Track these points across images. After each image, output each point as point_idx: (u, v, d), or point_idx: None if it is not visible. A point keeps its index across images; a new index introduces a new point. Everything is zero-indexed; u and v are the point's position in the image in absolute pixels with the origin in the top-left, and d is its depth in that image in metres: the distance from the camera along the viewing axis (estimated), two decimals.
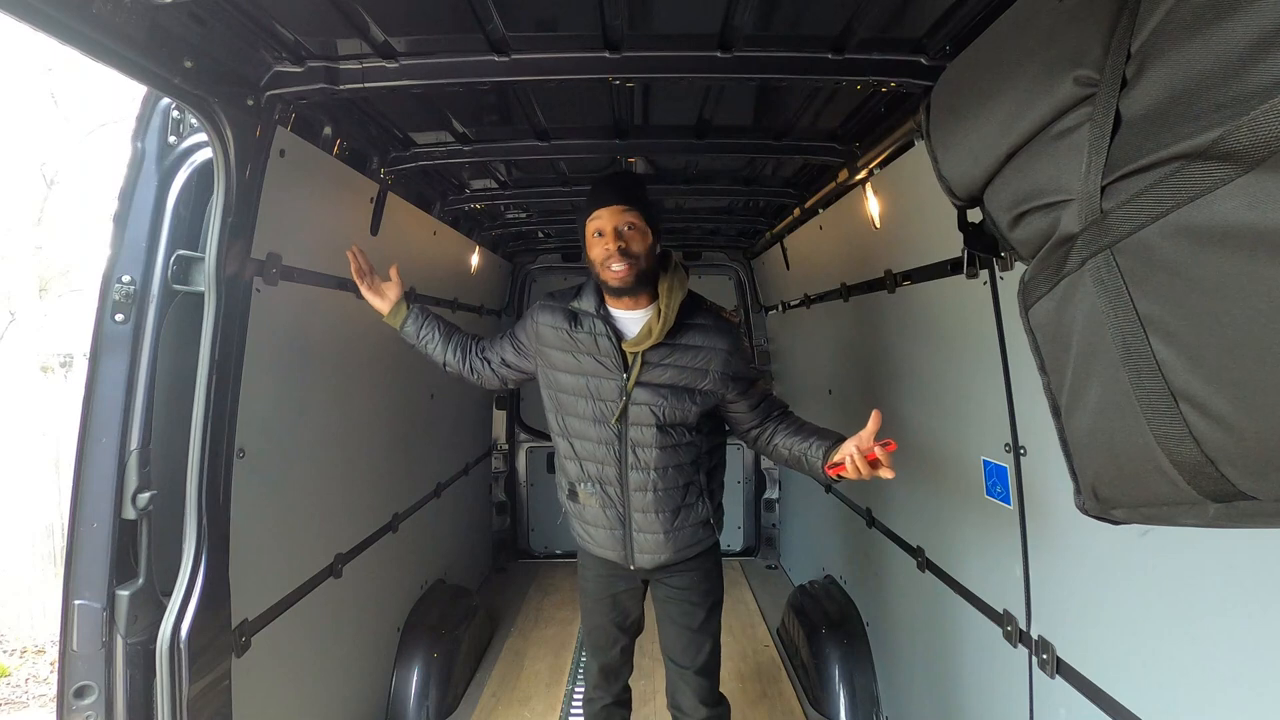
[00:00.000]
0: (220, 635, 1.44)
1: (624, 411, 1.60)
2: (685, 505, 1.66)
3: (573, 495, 1.71)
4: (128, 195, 1.43)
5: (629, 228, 1.57)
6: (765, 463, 4.11)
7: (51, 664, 4.51)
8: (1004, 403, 1.52)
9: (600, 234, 1.58)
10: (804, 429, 1.63)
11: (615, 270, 1.55)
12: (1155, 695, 1.12)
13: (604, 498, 1.66)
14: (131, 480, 1.36)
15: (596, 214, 1.58)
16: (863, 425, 1.39)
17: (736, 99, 1.82)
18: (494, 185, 2.68)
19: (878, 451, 1.34)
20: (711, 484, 1.73)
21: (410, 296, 1.84)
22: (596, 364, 1.61)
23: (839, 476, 1.44)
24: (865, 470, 1.37)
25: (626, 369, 1.59)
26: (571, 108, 1.88)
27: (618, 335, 1.61)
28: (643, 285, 1.59)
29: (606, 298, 1.64)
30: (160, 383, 1.41)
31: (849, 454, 1.40)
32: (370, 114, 1.82)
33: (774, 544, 4.11)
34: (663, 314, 1.58)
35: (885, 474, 1.36)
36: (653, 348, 1.58)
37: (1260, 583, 0.92)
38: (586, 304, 1.64)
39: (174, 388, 1.42)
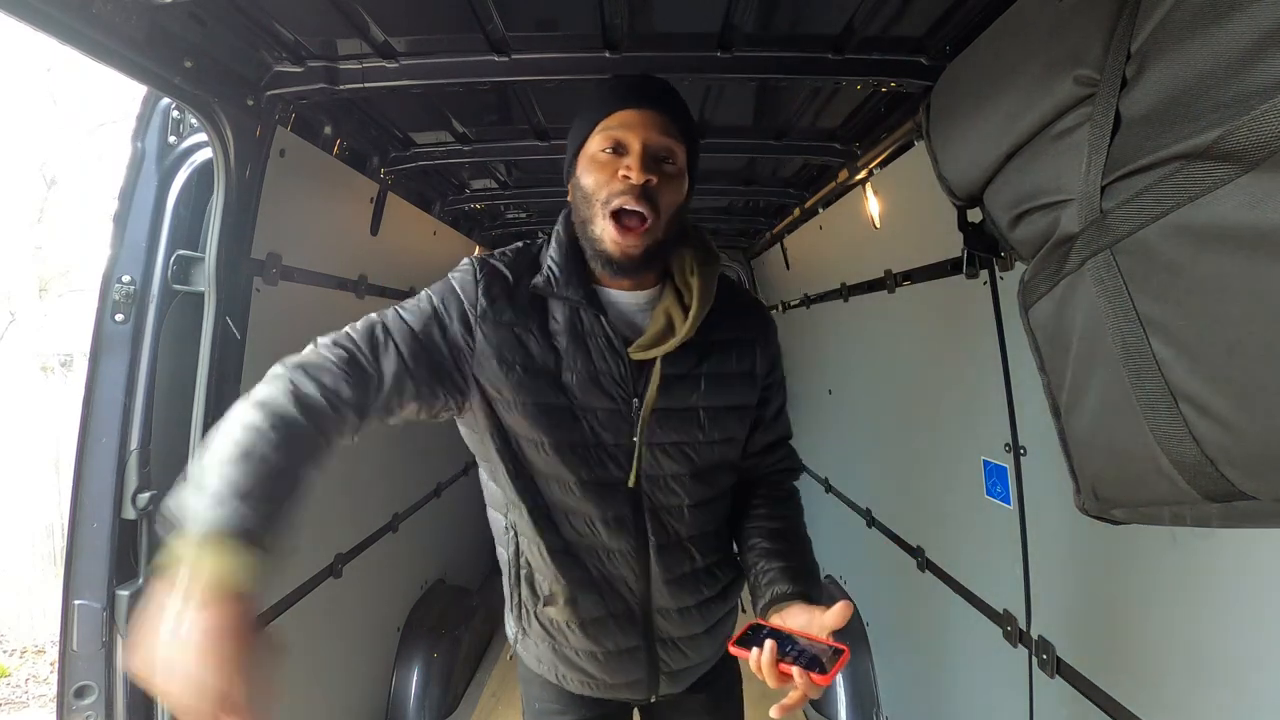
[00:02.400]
0: None
1: (638, 460, 0.98)
2: (723, 582, 1.10)
3: (543, 611, 1.04)
4: (128, 195, 1.43)
5: (667, 159, 0.95)
6: None
7: (51, 664, 4.51)
8: (1004, 403, 1.52)
9: (617, 149, 0.94)
10: (788, 537, 1.05)
11: (628, 219, 0.92)
12: (1155, 695, 1.12)
13: (613, 602, 1.03)
14: (131, 480, 1.36)
15: (621, 116, 0.94)
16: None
17: (736, 99, 1.82)
18: (494, 185, 2.68)
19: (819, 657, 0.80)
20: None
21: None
22: (591, 385, 0.96)
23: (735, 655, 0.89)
24: (771, 679, 0.81)
25: (637, 389, 0.97)
26: (572, 108, 1.87)
27: (619, 334, 0.97)
28: (648, 264, 0.98)
29: (595, 271, 0.99)
30: (160, 383, 1.41)
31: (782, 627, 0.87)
32: (370, 114, 1.82)
33: None
34: (696, 295, 0.97)
35: (796, 694, 0.80)
36: (675, 351, 0.97)
37: (1261, 583, 0.92)
38: (563, 281, 0.96)
39: (174, 388, 1.42)
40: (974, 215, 1.16)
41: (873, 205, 2.05)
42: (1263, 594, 0.92)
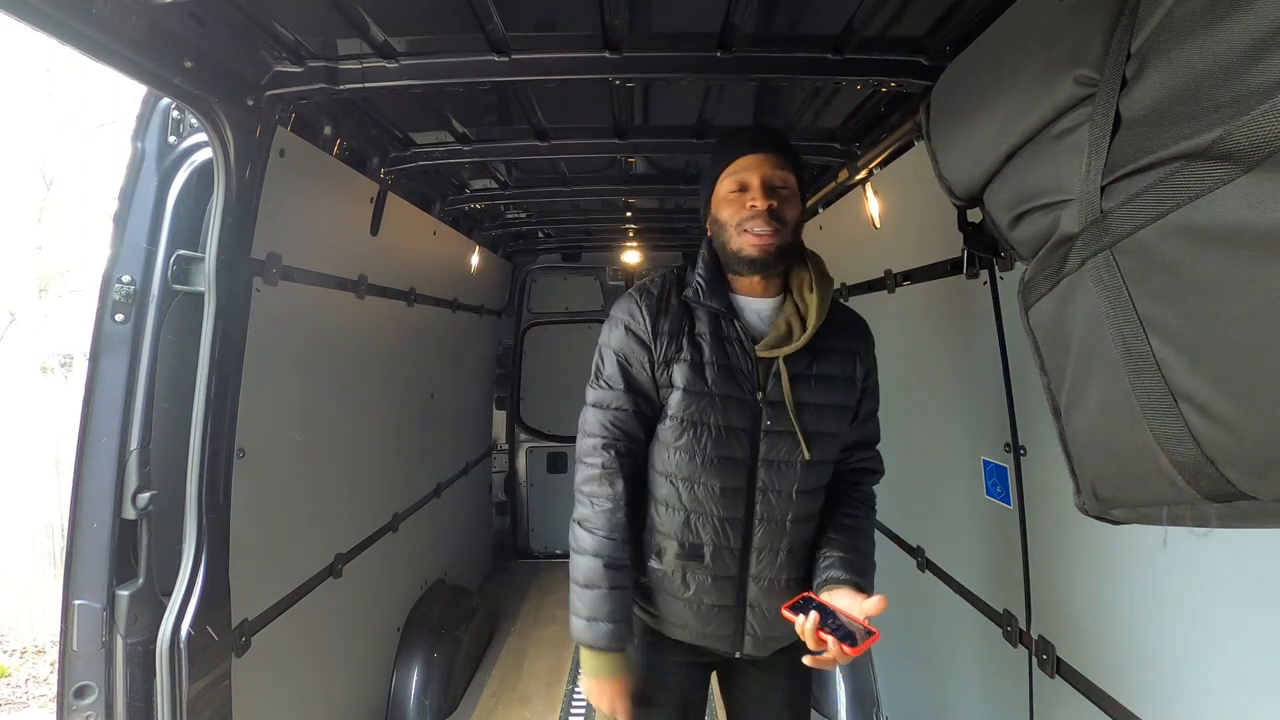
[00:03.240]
0: (220, 635, 1.43)
1: (757, 443, 1.21)
2: (810, 564, 1.27)
3: (659, 558, 1.27)
4: (128, 195, 1.43)
5: (782, 185, 1.21)
6: None
7: (51, 664, 4.51)
8: (1004, 403, 1.52)
9: (743, 188, 1.20)
10: (854, 534, 1.27)
11: (759, 233, 1.17)
12: (1155, 695, 1.12)
13: (719, 564, 1.24)
14: (131, 480, 1.37)
15: (741, 162, 1.21)
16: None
17: (736, 99, 1.82)
18: (494, 185, 2.68)
19: (856, 632, 1.07)
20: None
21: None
22: (727, 378, 1.20)
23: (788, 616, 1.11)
24: (811, 642, 1.07)
25: (762, 383, 1.21)
26: (571, 108, 1.88)
27: (749, 335, 1.22)
28: (781, 264, 1.23)
29: (731, 279, 1.26)
30: (160, 383, 1.41)
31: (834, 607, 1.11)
32: (370, 114, 1.82)
33: None
34: (814, 307, 1.21)
35: (828, 656, 1.07)
36: (792, 354, 1.21)
37: (1261, 583, 0.92)
38: (708, 292, 1.23)
39: (174, 388, 1.42)
40: (974, 215, 1.16)
41: (873, 205, 2.05)
42: (1262, 594, 0.92)
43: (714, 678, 1.44)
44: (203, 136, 1.42)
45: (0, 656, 4.68)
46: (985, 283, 1.54)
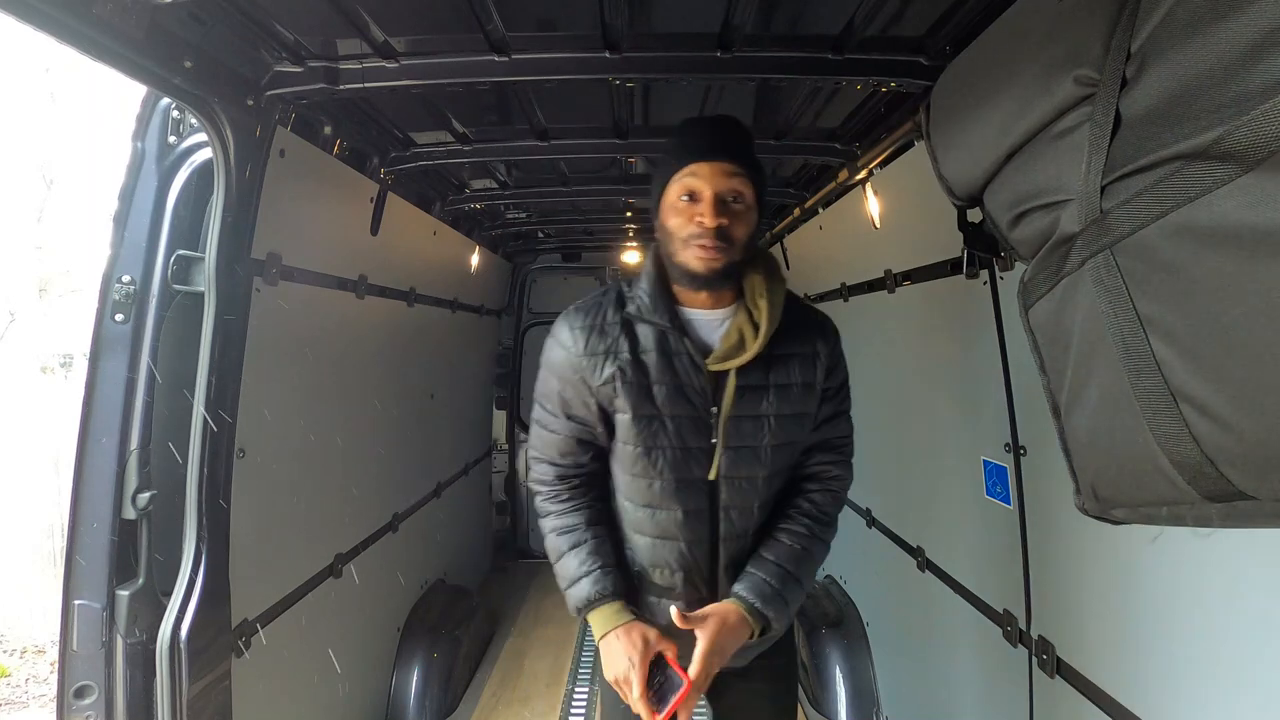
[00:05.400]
0: (220, 635, 1.43)
1: (718, 461, 1.14)
2: None
3: (638, 581, 1.24)
4: (128, 195, 1.43)
5: (735, 199, 1.10)
6: None
7: (51, 664, 4.50)
8: (1004, 403, 1.52)
9: (693, 198, 1.10)
10: (790, 560, 1.17)
11: (703, 252, 1.08)
12: (1155, 695, 1.12)
13: (690, 588, 1.19)
14: (131, 480, 1.36)
15: (693, 169, 1.10)
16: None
17: (736, 99, 1.82)
18: (494, 185, 2.68)
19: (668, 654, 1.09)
20: None
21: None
22: (677, 397, 1.13)
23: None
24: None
25: (715, 398, 1.13)
26: (571, 108, 1.88)
27: (699, 349, 1.14)
28: (729, 280, 1.14)
29: (678, 291, 1.17)
30: (160, 383, 1.41)
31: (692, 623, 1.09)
32: (370, 114, 1.82)
33: None
34: (765, 315, 1.13)
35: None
36: (746, 364, 1.13)
37: (1260, 583, 0.92)
38: (651, 308, 1.14)
39: (174, 388, 1.42)
40: (974, 215, 1.16)
41: (873, 205, 2.05)
42: (1262, 594, 0.92)
43: None
44: (203, 136, 1.42)
45: (0, 656, 4.68)
46: (985, 283, 1.54)
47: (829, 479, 1.26)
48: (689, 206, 1.10)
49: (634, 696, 1.07)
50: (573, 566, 1.16)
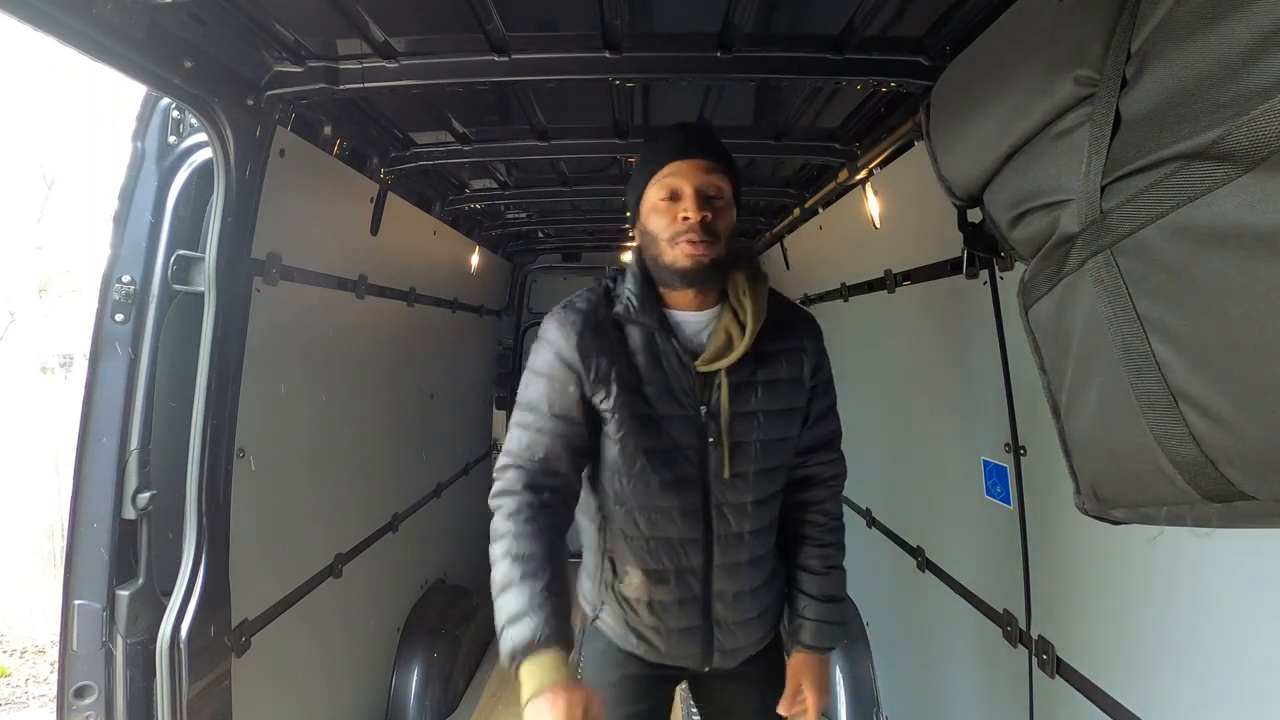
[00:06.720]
0: (220, 635, 1.43)
1: (706, 458, 1.16)
2: (773, 570, 1.27)
3: (620, 587, 1.22)
4: (128, 195, 1.43)
5: (715, 194, 1.12)
6: None
7: (51, 664, 4.50)
8: (1004, 403, 1.52)
9: (675, 196, 1.12)
10: (828, 589, 1.26)
11: (690, 248, 1.09)
12: (1155, 695, 1.12)
13: (684, 587, 1.19)
14: (131, 480, 1.37)
15: (672, 168, 1.12)
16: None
17: (736, 99, 1.82)
18: (494, 185, 2.68)
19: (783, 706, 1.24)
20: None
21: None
22: (667, 396, 1.14)
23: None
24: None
25: (705, 398, 1.15)
26: (571, 108, 1.88)
27: (687, 351, 1.15)
28: (716, 275, 1.15)
29: (664, 293, 1.17)
30: (160, 383, 1.41)
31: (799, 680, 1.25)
32: (370, 114, 1.82)
33: None
34: (750, 313, 1.14)
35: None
36: (735, 363, 1.14)
37: (1260, 583, 0.92)
38: (639, 309, 1.14)
39: (174, 388, 1.42)
40: (974, 215, 1.15)
41: (873, 205, 2.05)
42: (1262, 594, 0.92)
43: (678, 690, 1.38)
44: (203, 136, 1.42)
45: (0, 656, 4.68)
46: (985, 283, 1.54)
47: (831, 479, 1.30)
48: (671, 205, 1.12)
49: None
50: (520, 601, 1.00)
